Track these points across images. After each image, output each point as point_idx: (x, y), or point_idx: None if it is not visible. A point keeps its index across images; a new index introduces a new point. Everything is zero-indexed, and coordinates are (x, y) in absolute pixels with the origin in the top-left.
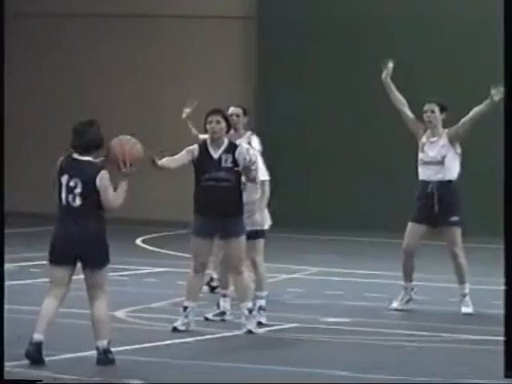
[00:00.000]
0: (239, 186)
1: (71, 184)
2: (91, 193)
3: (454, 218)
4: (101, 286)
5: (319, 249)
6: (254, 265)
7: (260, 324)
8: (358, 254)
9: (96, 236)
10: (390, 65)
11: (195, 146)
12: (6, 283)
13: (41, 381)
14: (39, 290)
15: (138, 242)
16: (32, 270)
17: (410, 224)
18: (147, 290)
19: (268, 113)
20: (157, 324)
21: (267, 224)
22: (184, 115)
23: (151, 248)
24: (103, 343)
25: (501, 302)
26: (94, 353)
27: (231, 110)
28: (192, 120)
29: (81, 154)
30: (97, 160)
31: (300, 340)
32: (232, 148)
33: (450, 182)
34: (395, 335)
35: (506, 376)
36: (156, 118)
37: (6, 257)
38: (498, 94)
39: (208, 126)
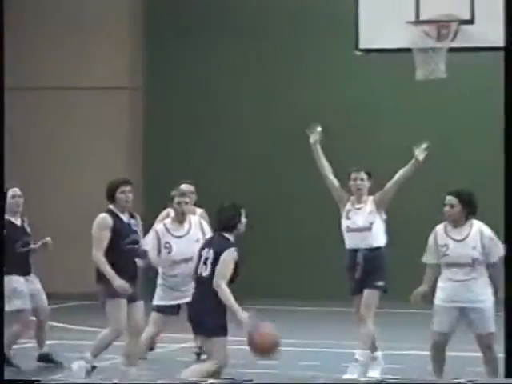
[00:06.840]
0: None
1: None
2: None
3: (379, 283)
4: None
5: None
6: None
7: None
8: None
9: None
10: (318, 129)
11: None
12: None
13: (39, 381)
14: None
15: None
16: None
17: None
18: None
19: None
20: None
21: None
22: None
23: None
24: None
25: None
26: None
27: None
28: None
29: None
30: None
31: None
32: None
33: (377, 248)
34: None
35: (506, 376)
36: None
37: None
38: (421, 153)
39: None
